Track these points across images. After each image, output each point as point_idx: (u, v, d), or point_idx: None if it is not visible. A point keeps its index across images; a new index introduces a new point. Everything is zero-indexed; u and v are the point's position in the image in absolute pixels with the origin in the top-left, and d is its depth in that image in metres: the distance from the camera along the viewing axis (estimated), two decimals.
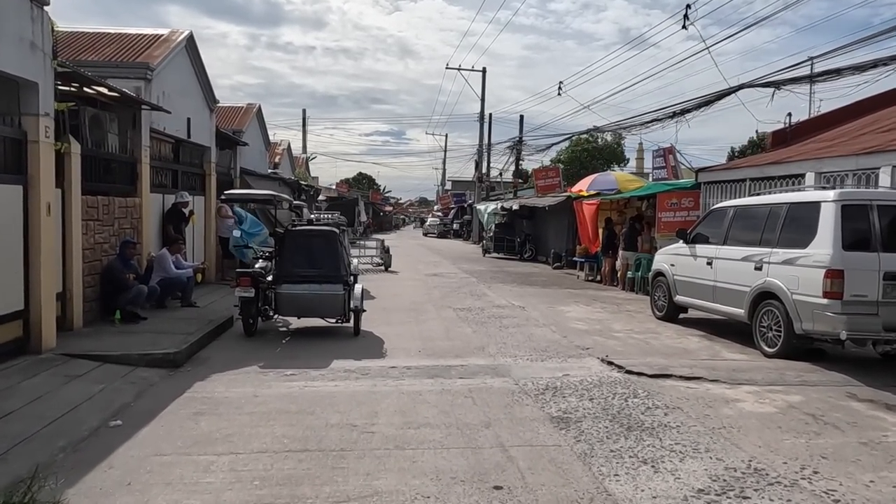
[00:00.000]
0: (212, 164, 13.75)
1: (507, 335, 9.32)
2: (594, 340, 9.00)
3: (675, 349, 8.58)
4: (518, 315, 11.23)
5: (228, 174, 16.68)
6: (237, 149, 16.98)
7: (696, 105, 14.91)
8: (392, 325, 10.06)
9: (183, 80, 12.03)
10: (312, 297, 8.77)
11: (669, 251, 11.21)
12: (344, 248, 9.39)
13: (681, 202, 14.94)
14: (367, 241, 28.50)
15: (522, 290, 15.04)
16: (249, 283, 8.69)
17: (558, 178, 26.65)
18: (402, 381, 6.70)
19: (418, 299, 13.19)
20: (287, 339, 9.03)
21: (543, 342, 8.83)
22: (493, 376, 6.92)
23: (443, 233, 53.68)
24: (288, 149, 28.89)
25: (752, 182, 13.00)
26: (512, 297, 13.77)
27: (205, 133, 13.34)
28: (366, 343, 8.74)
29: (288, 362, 7.45)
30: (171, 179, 11.96)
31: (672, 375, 6.97)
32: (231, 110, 18.82)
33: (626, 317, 11.41)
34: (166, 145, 11.72)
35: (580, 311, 11.96)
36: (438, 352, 8.18)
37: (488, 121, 43.48)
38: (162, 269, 10.14)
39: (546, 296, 14.17)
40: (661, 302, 11.15)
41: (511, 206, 27.92)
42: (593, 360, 7.74)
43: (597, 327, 10.17)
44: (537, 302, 12.98)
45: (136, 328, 8.50)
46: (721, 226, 9.68)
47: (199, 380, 6.65)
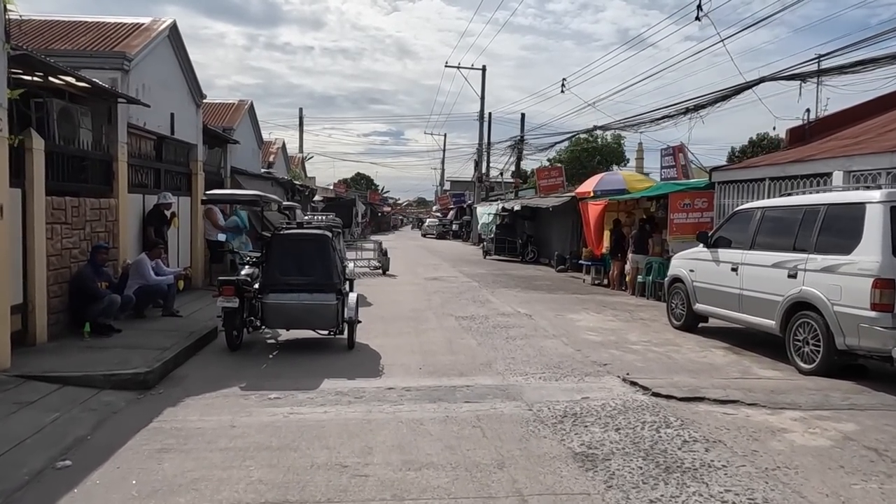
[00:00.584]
0: (198, 163, 12.96)
1: (515, 348, 8.54)
2: (611, 354, 8.22)
3: (701, 365, 7.80)
4: (525, 324, 10.45)
5: (218, 174, 15.88)
6: (227, 147, 16.19)
7: (713, 100, 14.14)
8: (390, 337, 9.28)
9: (165, 72, 11.24)
10: (302, 307, 7.99)
11: (688, 255, 10.44)
12: (337, 253, 8.61)
13: (694, 203, 14.18)
14: (364, 242, 27.77)
15: (527, 296, 14.26)
16: (233, 292, 7.91)
17: (561, 178, 25.88)
18: (400, 406, 5.91)
19: (418, 306, 12.41)
20: (275, 353, 8.24)
21: (556, 357, 8.05)
22: (504, 399, 6.14)
23: (442, 234, 52.91)
24: (283, 148, 28.06)
25: (773, 182, 12.22)
26: (517, 303, 12.98)
27: (190, 130, 12.54)
28: (361, 358, 7.96)
29: (273, 382, 6.66)
30: (152, 179, 11.17)
31: (705, 399, 6.19)
32: (221, 107, 18.02)
33: (640, 326, 10.63)
34: (147, 142, 10.92)
35: (591, 319, 11.18)
36: (441, 369, 7.39)
37: (488, 120, 42.82)
38: (140, 275, 9.35)
39: (553, 302, 13.39)
40: (679, 310, 10.38)
41: (512, 206, 27.14)
42: (613, 380, 6.96)
43: (611, 338, 9.39)
44: (544, 309, 12.20)
45: (107, 343, 7.71)
46: (747, 229, 8.91)
47: (171, 405, 5.86)
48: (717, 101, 13.99)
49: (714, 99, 14.06)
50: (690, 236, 14.17)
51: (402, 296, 13.97)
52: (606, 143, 61.77)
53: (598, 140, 61.27)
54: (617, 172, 18.43)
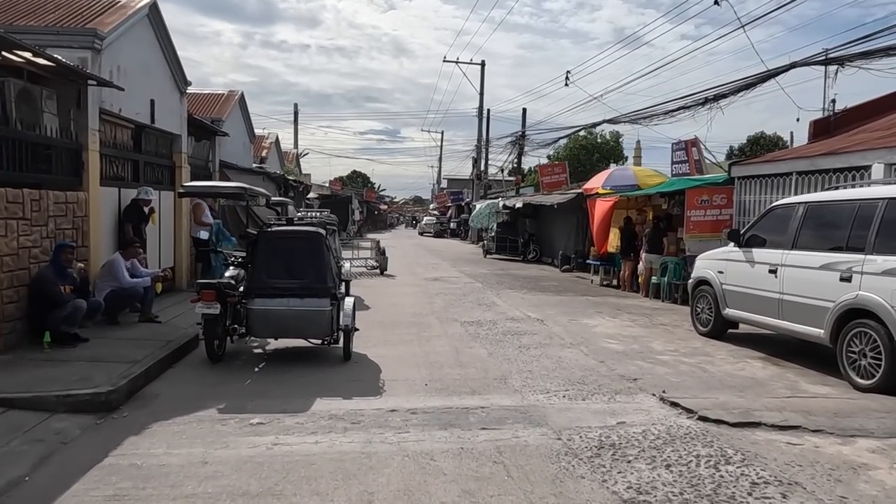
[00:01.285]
0: (182, 155, 12.02)
1: (530, 359, 7.64)
2: (638, 367, 7.33)
3: (742, 380, 6.91)
4: (538, 331, 9.55)
5: (206, 168, 14.95)
6: (216, 140, 15.25)
7: (736, 89, 13.24)
8: (391, 346, 8.38)
9: (144, 54, 10.29)
10: (292, 314, 7.08)
11: (716, 256, 9.56)
12: (332, 254, 7.70)
13: (712, 199, 13.32)
14: (361, 241, 26.87)
15: (535, 298, 13.37)
16: (214, 296, 6.99)
17: (565, 175, 25.00)
18: (405, 433, 5.01)
19: (420, 310, 11.51)
20: (261, 365, 7.33)
21: (578, 370, 7.15)
22: (526, 425, 5.25)
23: (439, 232, 52.01)
24: (276, 142, 27.04)
25: (801, 176, 11.35)
26: (525, 306, 12.09)
27: (174, 119, 11.61)
28: (358, 371, 7.05)
29: (257, 402, 5.76)
30: (130, 171, 10.23)
31: (761, 424, 5.30)
32: (210, 98, 17.07)
33: (663, 332, 9.75)
34: (124, 131, 9.99)
35: (608, 325, 10.29)
36: (450, 384, 6.49)
37: (486, 116, 41.91)
38: (112, 277, 8.43)
39: (563, 305, 12.50)
40: (706, 315, 9.50)
41: (514, 203, 26.24)
42: (649, 399, 6.07)
43: (634, 347, 8.51)
44: (556, 313, 11.30)
45: (69, 355, 6.78)
46: (787, 226, 8.02)
47: (134, 433, 4.95)
48: (740, 90, 13.10)
49: (737, 87, 13.17)
50: (708, 235, 13.35)
51: (402, 298, 13.07)
52: (605, 141, 61.11)
53: (597, 138, 60.68)
54: (627, 168, 17.55)
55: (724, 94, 13.43)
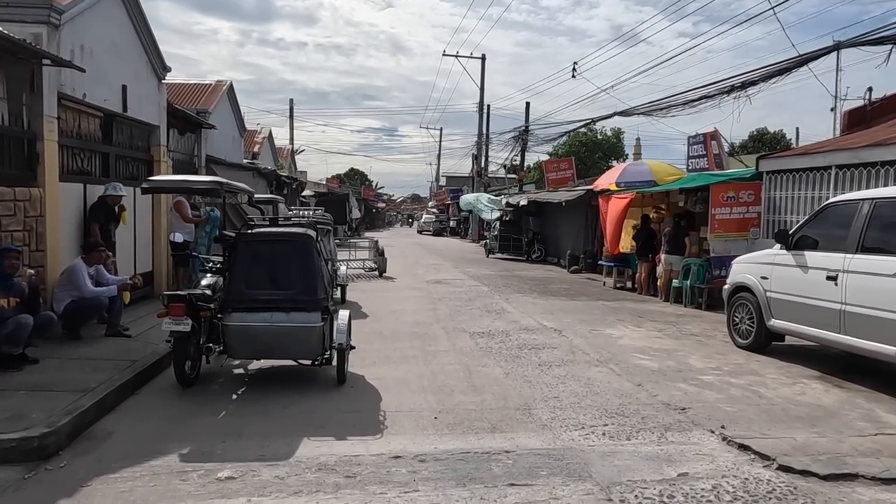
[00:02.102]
0: (161, 148, 10.92)
1: (554, 381, 6.57)
2: (683, 392, 6.26)
3: (808, 408, 5.85)
4: (557, 344, 8.48)
5: (191, 162, 13.86)
6: (202, 132, 14.15)
7: (766, 75, 12.14)
8: (392, 364, 7.30)
9: (115, 34, 9.18)
10: (276, 331, 6.00)
11: (758, 259, 8.51)
12: (323, 259, 6.61)
13: (738, 196, 12.29)
14: (358, 240, 25.81)
15: (548, 304, 12.30)
16: (183, 311, 5.92)
17: (572, 171, 23.96)
18: (413, 492, 3.94)
19: (423, 318, 10.43)
20: (241, 390, 6.25)
21: (613, 396, 6.08)
22: (565, 478, 4.17)
23: (439, 230, 50.97)
24: (269, 137, 25.86)
25: (841, 170, 10.32)
26: (538, 313, 11.02)
27: (150, 108, 10.50)
28: (355, 398, 5.98)
29: (230, 445, 4.69)
30: (98, 165, 9.14)
31: (859, 476, 4.24)
32: (196, 88, 15.95)
33: (696, 345, 8.69)
34: (91, 120, 8.89)
35: (634, 336, 9.22)
36: (464, 417, 5.42)
37: (487, 112, 40.84)
38: (73, 286, 7.35)
39: (579, 311, 11.43)
40: (746, 326, 8.44)
41: (518, 201, 25.17)
42: (708, 437, 5.00)
43: (670, 364, 7.45)
44: (573, 321, 10.24)
45: (9, 381, 5.69)
46: (849, 226, 6.95)
47: (66, 495, 3.87)
48: (772, 77, 12.02)
49: (769, 74, 12.08)
50: (734, 234, 12.32)
51: (403, 304, 11.99)
52: (606, 138, 60.06)
53: (597, 134, 59.64)
54: (642, 163, 16.49)
55: (754, 81, 12.36)
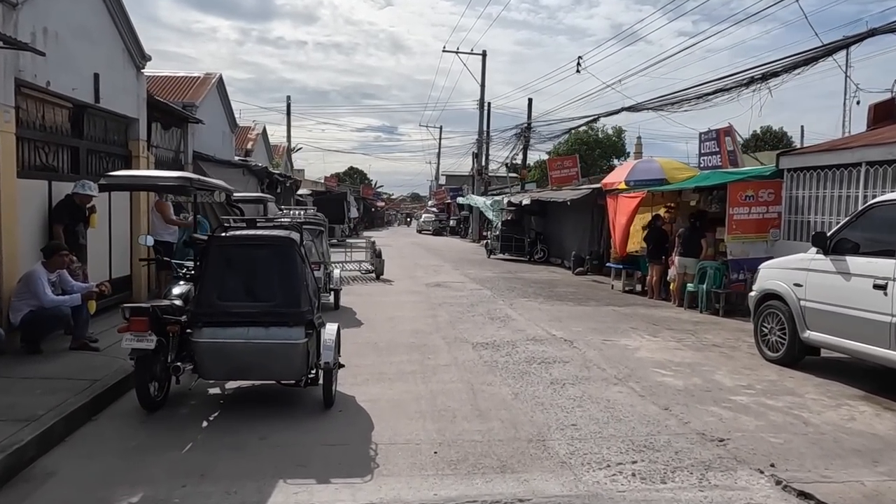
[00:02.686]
0: (140, 143, 10.15)
1: (570, 404, 5.82)
2: (717, 418, 5.50)
3: (864, 438, 5.09)
4: (569, 357, 7.73)
5: (177, 158, 13.10)
6: (188, 127, 13.39)
7: (790, 66, 11.34)
8: (386, 382, 6.55)
9: (85, 17, 8.40)
10: (252, 349, 5.24)
11: (790, 264, 7.75)
12: (309, 265, 5.83)
13: (758, 195, 11.54)
14: (356, 241, 25.07)
15: (555, 310, 11.54)
16: (147, 325, 5.17)
17: (576, 169, 23.19)
18: None
19: (422, 326, 9.67)
20: (214, 416, 5.49)
21: (639, 422, 5.32)
22: None
23: (438, 230, 50.16)
24: (263, 134, 25.03)
25: (873, 167, 9.58)
26: (546, 320, 10.27)
27: (128, 99, 9.73)
28: (343, 426, 5.22)
29: (190, 492, 3.93)
30: (67, 161, 8.37)
31: None
32: (182, 81, 15.16)
33: (721, 358, 7.93)
34: (58, 110, 8.11)
35: (651, 346, 8.47)
36: (468, 451, 4.66)
37: (487, 109, 40.07)
38: (30, 293, 6.59)
39: (589, 318, 10.67)
40: (776, 338, 7.68)
41: (521, 200, 24.40)
42: (758, 479, 4.23)
43: (696, 382, 6.69)
44: (584, 330, 9.48)
45: None
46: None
47: None
48: (797, 67, 11.24)
49: (794, 63, 11.29)
50: (753, 236, 11.58)
51: (400, 309, 11.22)
52: (607, 136, 59.31)
53: (598, 133, 58.91)
54: (652, 160, 15.73)
55: (776, 72, 11.57)
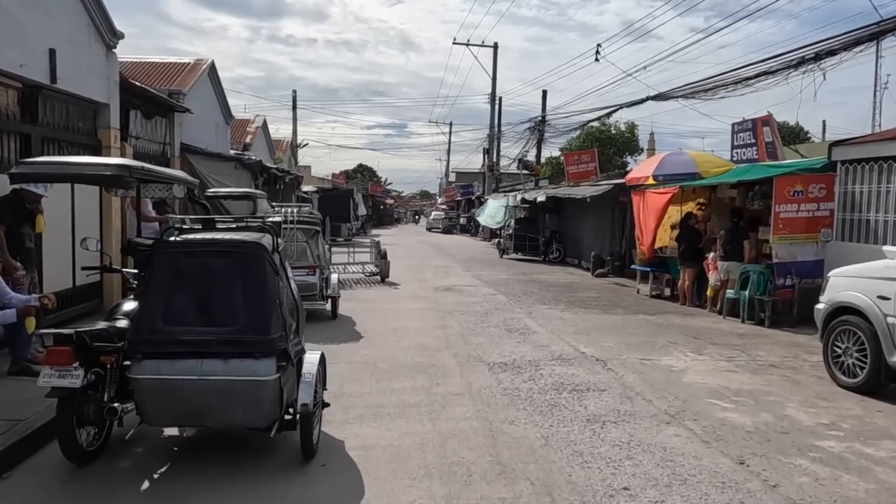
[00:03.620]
0: (112, 132, 8.98)
1: (615, 453, 4.57)
2: (812, 478, 4.23)
3: None
4: (605, 382, 6.47)
5: (162, 151, 11.95)
6: (175, 117, 12.23)
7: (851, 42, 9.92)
8: (384, 420, 5.32)
9: None
10: (206, 389, 4.01)
11: (871, 272, 6.46)
12: (284, 279, 4.57)
13: (807, 190, 10.24)
14: (362, 239, 23.92)
15: (579, 319, 10.28)
16: (71, 357, 3.97)
17: (594, 164, 21.84)
18: None
19: (430, 340, 8.43)
20: (162, 470, 4.27)
21: (710, 485, 4.06)
22: None
23: (448, 228, 48.92)
24: (264, 127, 23.75)
25: None
26: (571, 333, 9.02)
27: (95, 81, 8.55)
28: (323, 492, 3.99)
29: None
30: (16, 150, 7.18)
31: None
32: (170, 67, 13.96)
33: (783, 383, 6.65)
34: (3, 91, 6.93)
35: (699, 368, 7.19)
36: None
37: (499, 104, 38.79)
38: None
39: (620, 330, 9.41)
40: (855, 361, 6.40)
41: (535, 197, 23.11)
42: None
43: (766, 419, 5.42)
44: (616, 346, 8.23)
45: None
46: None
47: None
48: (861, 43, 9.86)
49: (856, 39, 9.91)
50: (802, 236, 10.28)
51: (406, 319, 9.99)
52: (620, 132, 57.90)
53: (610, 129, 57.52)
54: (683, 152, 14.41)
55: (834, 50, 10.20)
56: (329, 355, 7.43)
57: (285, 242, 9.37)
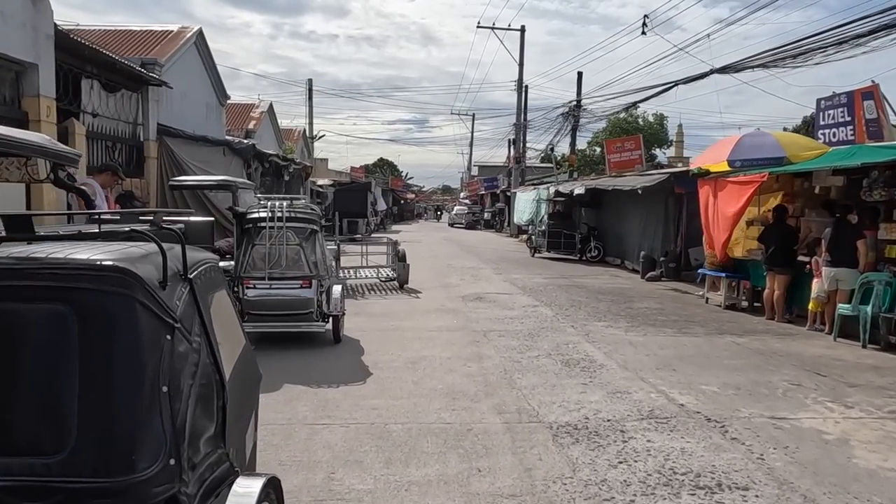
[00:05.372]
0: (42, 101, 6.85)
1: None
2: None
3: None
4: (739, 468, 4.15)
5: (134, 132, 9.85)
6: (149, 93, 10.11)
7: None
8: None
9: None
10: None
11: None
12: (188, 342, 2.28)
13: None
14: (382, 236, 21.79)
15: (652, 343, 7.96)
16: None
17: (639, 151, 19.45)
18: None
19: (461, 382, 6.15)
20: None
21: None
22: None
23: (472, 223, 46.64)
24: (270, 112, 21.46)
25: None
26: (650, 367, 6.71)
27: (16, 35, 6.42)
28: None
29: None
30: None
31: None
32: (148, 35, 11.66)
33: None
34: None
35: (863, 436, 4.84)
36: None
37: (525, 92, 36.39)
38: None
39: (712, 361, 7.08)
40: None
41: (572, 189, 20.70)
42: None
43: None
44: (721, 389, 5.91)
45: None
46: None
47: None
48: None
49: None
50: None
51: (428, 344, 7.74)
52: (648, 124, 55.28)
53: (638, 120, 54.92)
54: (764, 133, 11.91)
55: None
56: (320, 407, 5.26)
57: (272, 245, 7.19)
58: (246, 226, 7.38)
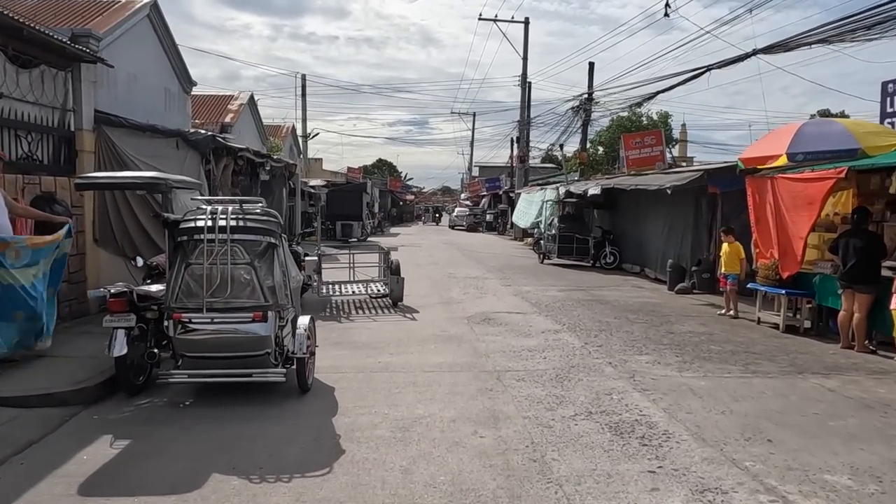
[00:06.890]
0: None
1: None
2: None
3: None
4: None
5: (62, 121, 7.96)
6: (82, 72, 8.23)
7: None
8: None
9: None
10: None
11: None
12: None
13: None
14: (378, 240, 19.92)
15: (721, 391, 6.02)
16: None
17: (660, 147, 17.52)
18: None
19: (473, 472, 4.20)
20: None
21: None
22: None
23: (473, 225, 44.70)
24: (251, 104, 19.36)
25: None
26: (735, 436, 4.79)
27: None
28: None
29: None
30: None
31: None
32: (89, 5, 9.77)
33: None
34: None
35: None
36: None
37: (529, 88, 34.49)
38: None
39: (810, 420, 5.16)
40: None
41: (585, 189, 18.75)
42: None
43: None
44: (858, 486, 3.99)
45: None
46: None
47: None
48: None
49: None
50: None
51: (424, 397, 5.79)
52: (652, 122, 53.69)
53: (641, 118, 53.38)
54: (831, 121, 10.01)
55: None
56: None
57: (212, 266, 5.28)
58: (179, 238, 5.46)
